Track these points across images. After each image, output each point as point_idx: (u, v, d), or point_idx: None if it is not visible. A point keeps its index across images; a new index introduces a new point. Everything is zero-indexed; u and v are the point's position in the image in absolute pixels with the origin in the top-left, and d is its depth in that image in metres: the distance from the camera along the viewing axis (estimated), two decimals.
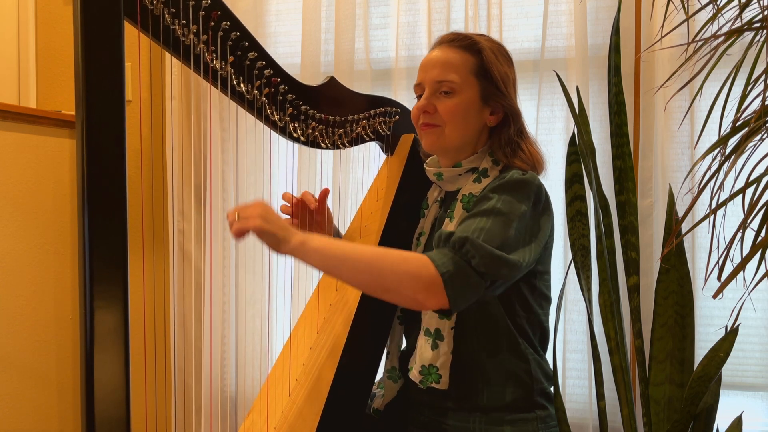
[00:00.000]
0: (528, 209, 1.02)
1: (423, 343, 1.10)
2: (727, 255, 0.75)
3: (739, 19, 0.83)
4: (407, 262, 0.94)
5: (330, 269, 0.97)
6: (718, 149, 0.82)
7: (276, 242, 0.95)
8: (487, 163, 1.13)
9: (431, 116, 1.12)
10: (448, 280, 0.92)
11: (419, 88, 1.15)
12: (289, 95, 1.08)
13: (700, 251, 1.60)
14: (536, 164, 1.12)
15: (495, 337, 1.09)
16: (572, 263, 1.23)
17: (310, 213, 1.26)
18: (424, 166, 1.22)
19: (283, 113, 1.09)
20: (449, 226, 1.11)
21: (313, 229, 1.29)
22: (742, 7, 0.82)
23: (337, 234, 1.34)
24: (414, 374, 1.10)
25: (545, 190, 1.07)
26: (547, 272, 1.14)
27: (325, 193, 1.27)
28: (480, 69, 1.11)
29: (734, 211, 1.39)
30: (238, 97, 1.02)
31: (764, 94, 0.75)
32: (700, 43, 0.87)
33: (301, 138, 1.13)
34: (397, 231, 1.25)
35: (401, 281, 0.93)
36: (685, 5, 0.92)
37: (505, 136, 1.12)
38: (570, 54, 1.66)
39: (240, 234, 0.93)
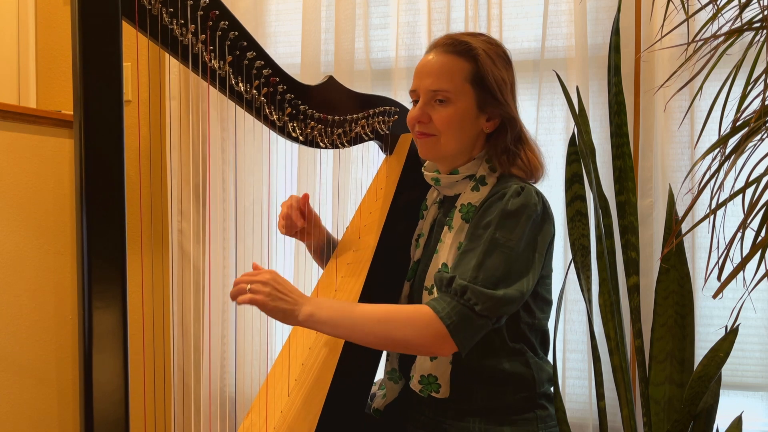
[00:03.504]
0: (526, 230, 1.02)
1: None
2: (727, 255, 0.75)
3: (739, 19, 0.83)
4: (412, 321, 0.98)
5: (340, 336, 1.04)
6: (718, 149, 0.82)
7: (283, 317, 0.98)
8: (484, 170, 1.12)
9: (426, 126, 1.11)
10: (454, 330, 0.96)
11: (414, 94, 1.14)
12: (288, 95, 1.08)
13: (700, 251, 1.60)
14: (534, 172, 1.11)
15: (496, 344, 1.09)
16: (572, 263, 1.23)
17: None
18: (422, 170, 1.21)
19: (281, 113, 1.08)
20: (447, 235, 1.11)
21: (303, 236, 1.28)
22: (742, 7, 0.82)
23: (327, 237, 1.33)
24: (414, 384, 1.10)
25: (543, 200, 1.06)
26: (548, 276, 1.14)
27: (305, 198, 1.25)
28: (476, 76, 1.08)
29: (734, 211, 1.39)
30: (236, 97, 1.02)
31: (764, 94, 0.75)
32: (700, 43, 0.87)
33: (300, 137, 1.13)
34: (396, 231, 1.25)
35: (410, 340, 0.98)
36: (685, 5, 0.92)
37: (501, 145, 1.11)
38: (570, 54, 1.66)
39: (243, 302, 0.96)
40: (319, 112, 1.14)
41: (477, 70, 1.08)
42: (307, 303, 0.98)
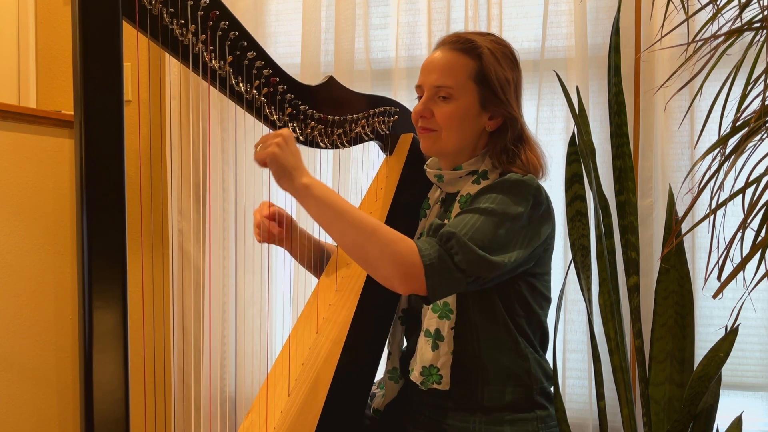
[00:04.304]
0: (525, 211, 1.01)
1: (423, 344, 1.10)
2: (727, 255, 0.75)
3: (739, 19, 0.83)
4: (396, 243, 0.96)
5: (322, 220, 0.99)
6: (718, 149, 0.82)
7: (281, 175, 0.98)
8: (487, 166, 1.12)
9: (428, 121, 1.12)
10: (430, 272, 0.94)
11: (420, 89, 1.15)
12: (288, 95, 1.08)
13: (700, 251, 1.60)
14: (534, 172, 1.11)
15: (495, 337, 1.09)
16: (572, 263, 1.23)
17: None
18: (425, 167, 1.22)
19: (282, 113, 1.08)
20: None
21: (282, 243, 1.26)
22: (742, 7, 0.82)
23: (309, 240, 1.31)
24: (415, 375, 1.10)
25: (545, 192, 1.07)
26: (547, 273, 1.14)
27: (280, 213, 1.24)
28: (479, 74, 1.09)
29: (734, 211, 1.39)
30: (236, 97, 1.02)
31: (764, 94, 0.75)
32: (700, 43, 0.87)
33: (300, 138, 1.13)
34: (397, 230, 1.25)
35: (383, 259, 0.95)
36: (685, 5, 0.92)
37: (501, 144, 1.12)
38: (570, 54, 1.66)
39: (261, 162, 0.98)
40: (320, 112, 1.15)
41: (481, 68, 1.09)
42: (309, 176, 0.99)
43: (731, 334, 1.10)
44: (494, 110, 1.11)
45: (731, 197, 0.78)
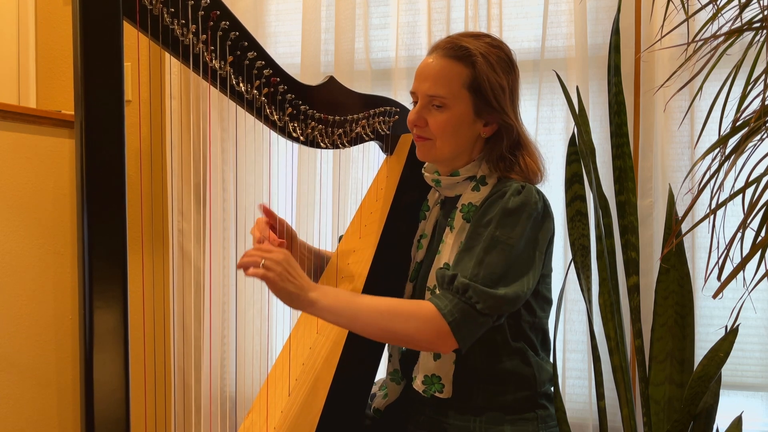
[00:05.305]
0: (527, 229, 1.02)
1: (426, 353, 1.10)
2: (727, 255, 0.75)
3: (739, 19, 0.83)
4: (416, 314, 0.99)
5: (342, 326, 1.05)
6: (718, 149, 0.82)
7: (288, 300, 0.98)
8: (484, 171, 1.12)
9: (422, 129, 1.11)
10: (456, 327, 0.98)
11: (414, 96, 1.14)
12: (289, 95, 1.08)
13: (700, 251, 1.60)
14: (532, 177, 1.11)
15: (497, 343, 1.09)
16: (572, 263, 1.23)
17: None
18: (422, 171, 1.21)
19: (282, 113, 1.08)
20: (449, 236, 1.11)
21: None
22: (742, 7, 0.82)
23: (309, 250, 1.28)
24: (417, 384, 1.10)
25: (543, 199, 1.07)
26: (549, 274, 1.14)
27: (281, 222, 1.19)
28: (473, 82, 1.07)
29: (734, 211, 1.39)
30: (237, 97, 1.02)
31: (764, 94, 0.75)
32: (700, 43, 0.87)
33: (301, 138, 1.13)
34: (397, 231, 1.25)
35: (411, 334, 0.99)
36: (685, 5, 0.92)
37: (497, 152, 1.11)
38: (570, 54, 1.66)
39: (249, 275, 0.96)
40: (320, 112, 1.15)
41: (474, 76, 1.07)
42: (314, 290, 0.99)
43: (731, 334, 1.10)
44: (489, 117, 1.10)
45: (731, 197, 0.78)
